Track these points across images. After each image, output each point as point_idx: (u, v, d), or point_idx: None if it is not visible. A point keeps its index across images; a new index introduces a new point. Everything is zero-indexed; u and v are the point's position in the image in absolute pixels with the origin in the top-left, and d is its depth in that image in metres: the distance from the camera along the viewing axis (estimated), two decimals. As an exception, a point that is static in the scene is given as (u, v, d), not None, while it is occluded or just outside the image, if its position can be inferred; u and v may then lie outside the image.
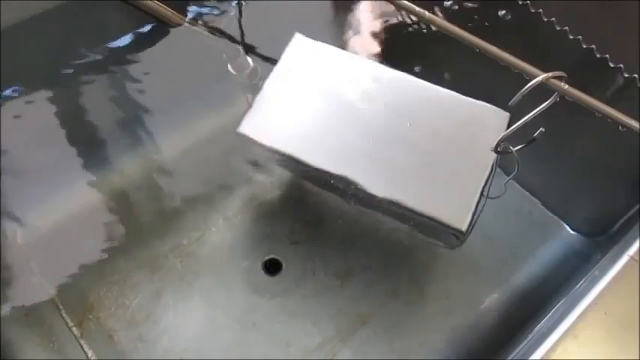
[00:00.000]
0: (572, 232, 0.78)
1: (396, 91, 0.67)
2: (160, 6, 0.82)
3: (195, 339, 0.70)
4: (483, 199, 0.64)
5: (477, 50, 0.52)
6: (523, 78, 0.57)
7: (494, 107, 0.64)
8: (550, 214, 0.80)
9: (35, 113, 0.83)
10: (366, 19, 0.88)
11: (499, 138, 0.55)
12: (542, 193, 0.81)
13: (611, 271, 0.53)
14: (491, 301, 0.74)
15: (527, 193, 0.81)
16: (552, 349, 0.50)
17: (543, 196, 0.81)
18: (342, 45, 0.73)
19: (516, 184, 0.81)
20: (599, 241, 0.75)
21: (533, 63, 0.61)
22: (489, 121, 0.64)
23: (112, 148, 0.80)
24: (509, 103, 0.52)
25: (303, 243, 0.76)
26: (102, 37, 0.87)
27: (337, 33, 0.80)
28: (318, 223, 0.77)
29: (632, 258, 0.50)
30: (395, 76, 0.68)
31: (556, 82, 0.50)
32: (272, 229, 0.76)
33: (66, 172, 0.79)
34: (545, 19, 0.75)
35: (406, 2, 0.54)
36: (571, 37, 0.75)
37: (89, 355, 0.67)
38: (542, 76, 0.50)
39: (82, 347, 0.68)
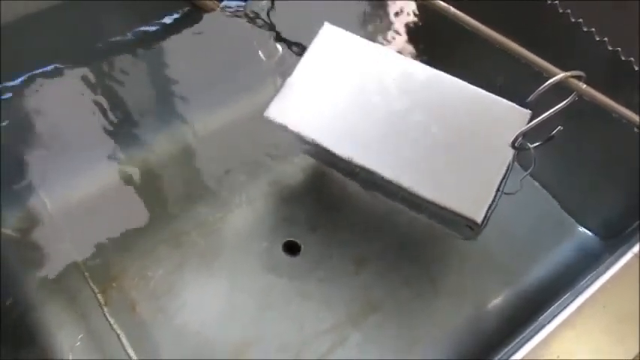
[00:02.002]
0: (587, 233, 0.79)
1: (421, 84, 0.68)
2: (196, -9, 0.85)
3: (214, 314, 0.73)
4: (500, 194, 0.65)
5: (498, 47, 0.53)
6: (543, 76, 0.58)
7: (515, 105, 0.65)
8: (567, 214, 0.81)
9: (71, 90, 0.86)
10: (397, 11, 0.90)
11: (516, 134, 0.57)
12: (561, 192, 0.82)
13: (613, 267, 0.54)
14: (502, 297, 0.75)
15: (546, 192, 0.82)
16: (548, 339, 0.51)
17: (561, 196, 0.82)
18: (372, 36, 0.74)
19: (536, 183, 0.82)
20: (612, 243, 0.76)
21: (557, 62, 0.62)
22: (511, 118, 0.65)
23: (143, 127, 0.83)
24: (527, 100, 0.54)
25: (321, 228, 0.78)
26: (137, 20, 0.90)
27: (367, 24, 0.81)
28: (337, 209, 0.79)
29: (635, 255, 0.51)
30: (421, 70, 0.69)
31: (574, 81, 0.51)
32: (293, 213, 0.79)
33: (97, 148, 0.82)
34: (573, 20, 0.76)
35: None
36: (597, 38, 0.75)
37: (112, 322, 0.71)
38: (560, 75, 0.51)
39: (104, 314, 0.71)
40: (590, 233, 0.79)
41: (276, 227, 0.78)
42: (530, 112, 0.64)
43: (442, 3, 0.55)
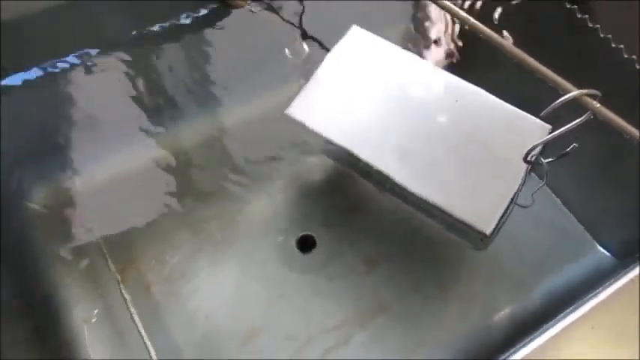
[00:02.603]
0: (604, 251, 0.78)
1: (443, 91, 0.69)
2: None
3: (225, 302, 0.75)
4: (513, 206, 0.65)
5: (515, 61, 0.54)
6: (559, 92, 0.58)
7: (536, 119, 0.65)
8: (584, 231, 0.81)
9: (109, 75, 0.89)
10: (428, 18, 0.91)
11: (529, 147, 0.57)
12: (580, 209, 0.82)
13: (610, 287, 0.54)
14: (511, 308, 0.76)
15: (565, 208, 0.82)
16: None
17: (580, 212, 0.81)
18: (400, 41, 0.75)
19: (554, 196, 0.82)
20: (627, 263, 0.75)
21: (582, 78, 0.62)
22: (530, 131, 0.65)
23: (172, 115, 0.85)
24: (540, 115, 0.54)
25: (336, 226, 0.79)
26: (166, 14, 0.92)
27: (397, 30, 0.82)
28: (353, 209, 0.80)
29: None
30: (444, 78, 0.70)
31: (589, 100, 0.51)
32: (310, 210, 0.80)
33: (128, 132, 0.85)
34: (602, 35, 0.76)
35: (451, 6, 0.55)
36: (626, 55, 0.75)
37: (127, 299, 0.73)
38: (574, 93, 0.51)
39: (121, 292, 0.74)
40: (606, 252, 0.78)
41: (292, 222, 0.79)
42: (550, 126, 0.64)
43: (462, 13, 0.55)
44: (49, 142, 0.82)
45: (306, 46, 0.81)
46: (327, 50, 0.72)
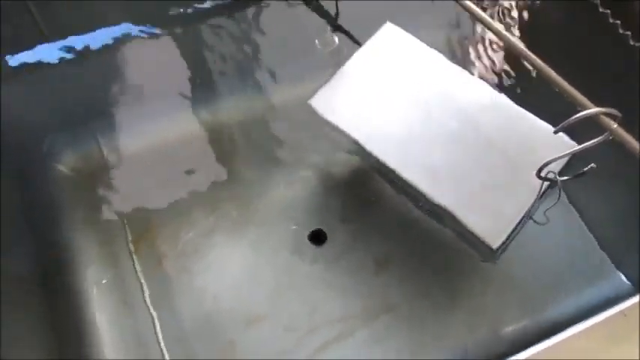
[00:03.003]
0: (623, 278, 0.76)
1: (470, 98, 0.68)
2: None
3: (233, 283, 0.76)
4: (525, 222, 0.64)
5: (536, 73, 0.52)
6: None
7: (562, 135, 0.63)
8: (605, 256, 0.78)
9: (155, 51, 0.90)
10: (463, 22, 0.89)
11: (542, 163, 0.55)
12: (604, 233, 0.79)
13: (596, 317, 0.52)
14: (519, 326, 0.74)
15: (588, 231, 0.79)
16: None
17: (603, 237, 0.79)
18: (432, 42, 0.74)
19: (580, 219, 0.80)
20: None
21: (619, 96, 0.60)
22: (553, 146, 0.63)
23: (204, 97, 0.86)
24: (554, 130, 0.52)
25: (351, 222, 0.79)
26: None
27: (431, 30, 0.80)
28: (369, 207, 0.80)
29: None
30: (473, 84, 0.69)
31: (607, 119, 0.49)
32: (327, 202, 0.80)
33: (163, 107, 0.87)
34: (632, 43, 0.73)
35: (487, 18, 0.54)
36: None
37: (138, 269, 0.75)
38: (592, 110, 0.49)
39: (133, 261, 0.75)
40: (625, 279, 0.76)
41: (307, 213, 0.79)
42: (574, 143, 0.62)
43: (496, 25, 0.54)
44: (85, 110, 0.84)
45: (336, 39, 0.81)
46: (359, 45, 0.72)
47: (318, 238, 0.79)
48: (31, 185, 0.77)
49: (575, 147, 0.63)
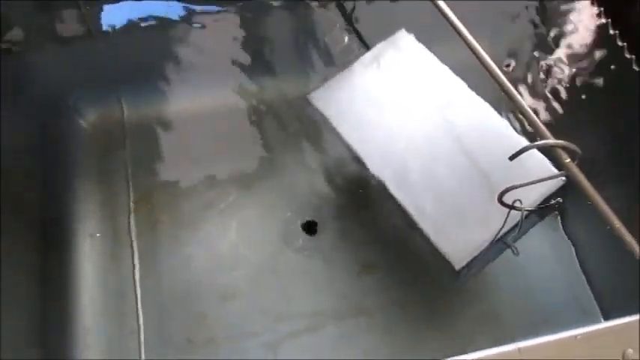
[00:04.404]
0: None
1: (469, 116, 0.67)
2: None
3: (218, 258, 0.78)
4: (498, 249, 0.63)
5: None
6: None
7: (551, 166, 0.61)
8: (595, 304, 0.75)
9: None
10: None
11: (503, 189, 0.54)
12: (597, 281, 0.76)
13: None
14: (492, 353, 0.72)
15: (583, 276, 0.77)
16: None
17: (597, 285, 0.76)
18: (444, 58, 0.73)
19: (575, 256, 0.78)
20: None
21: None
22: (540, 176, 0.61)
23: (213, 82, 0.88)
24: (508, 157, 0.51)
25: (343, 220, 0.80)
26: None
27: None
28: (364, 208, 0.80)
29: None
30: (475, 103, 0.68)
31: (563, 153, 0.48)
32: (322, 197, 0.81)
33: (193, 83, 0.90)
34: None
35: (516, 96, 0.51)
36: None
37: (132, 228, 0.79)
38: (544, 142, 0.48)
39: (129, 221, 0.79)
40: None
41: (303, 204, 0.81)
42: (564, 178, 0.60)
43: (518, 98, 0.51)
44: (114, 75, 0.88)
45: (346, 37, 0.81)
46: (367, 47, 0.72)
47: (309, 228, 0.80)
48: (50, 136, 0.82)
49: (565, 180, 0.61)
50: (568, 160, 0.48)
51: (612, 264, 0.76)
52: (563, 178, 0.59)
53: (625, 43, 0.77)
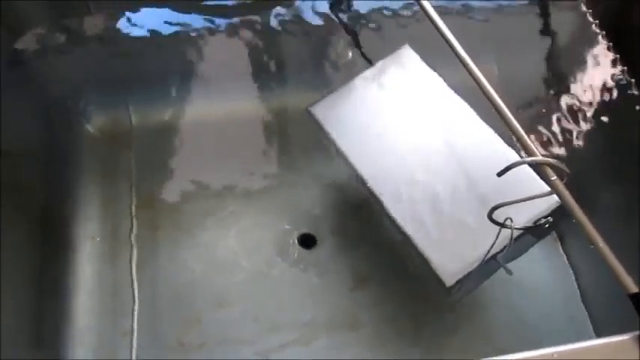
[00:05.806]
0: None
1: (470, 137, 0.67)
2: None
3: (215, 265, 0.79)
4: (491, 267, 0.62)
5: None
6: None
7: (544, 185, 0.61)
8: (591, 329, 0.75)
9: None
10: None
11: (492, 206, 0.54)
12: (596, 306, 0.76)
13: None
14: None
15: (581, 300, 0.77)
16: None
17: (595, 309, 0.76)
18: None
19: (573, 277, 0.77)
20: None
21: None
22: (537, 199, 0.62)
23: (221, 92, 0.90)
24: (497, 174, 0.51)
25: (342, 236, 0.81)
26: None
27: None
28: (360, 223, 0.81)
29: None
30: (476, 125, 0.68)
31: (549, 170, 0.48)
32: (321, 211, 0.82)
33: (202, 89, 0.91)
34: None
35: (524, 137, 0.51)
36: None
37: (133, 232, 0.80)
38: (537, 158, 0.48)
39: (131, 225, 0.81)
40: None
41: (302, 217, 0.82)
42: (558, 201, 0.60)
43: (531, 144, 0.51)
44: (125, 81, 0.91)
45: (350, 52, 0.83)
46: (370, 63, 0.73)
47: (306, 242, 0.81)
48: (56, 138, 0.84)
49: (557, 203, 0.61)
50: (554, 177, 0.48)
51: (611, 287, 0.75)
52: (558, 200, 0.59)
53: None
